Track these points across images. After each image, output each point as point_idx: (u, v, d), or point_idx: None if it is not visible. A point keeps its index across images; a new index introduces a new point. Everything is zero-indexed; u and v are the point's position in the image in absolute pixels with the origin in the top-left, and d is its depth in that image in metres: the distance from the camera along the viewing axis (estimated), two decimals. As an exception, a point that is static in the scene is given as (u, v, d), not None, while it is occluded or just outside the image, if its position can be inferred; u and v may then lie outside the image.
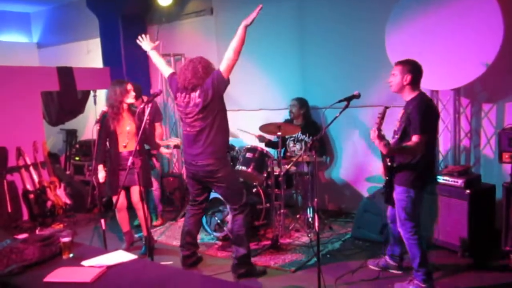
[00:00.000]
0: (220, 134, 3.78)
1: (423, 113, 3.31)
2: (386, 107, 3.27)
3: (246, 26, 3.71)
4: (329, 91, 5.32)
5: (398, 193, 3.48)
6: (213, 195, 4.33)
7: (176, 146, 5.64)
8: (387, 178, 3.51)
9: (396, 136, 3.46)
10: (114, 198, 4.44)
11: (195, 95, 3.74)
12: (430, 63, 4.39)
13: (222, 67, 3.69)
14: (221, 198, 4.53)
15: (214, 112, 3.72)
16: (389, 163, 3.45)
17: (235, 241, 3.95)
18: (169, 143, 5.39)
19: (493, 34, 4.01)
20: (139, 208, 4.41)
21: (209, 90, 3.69)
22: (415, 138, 3.29)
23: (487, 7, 4.05)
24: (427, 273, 3.46)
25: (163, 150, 4.92)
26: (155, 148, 4.62)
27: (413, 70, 3.42)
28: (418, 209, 3.50)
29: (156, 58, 4.18)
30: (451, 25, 4.27)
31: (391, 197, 3.56)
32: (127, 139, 4.40)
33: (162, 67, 4.14)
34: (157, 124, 5.43)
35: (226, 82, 3.72)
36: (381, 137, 3.19)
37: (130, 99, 4.38)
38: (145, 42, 4.24)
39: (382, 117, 3.23)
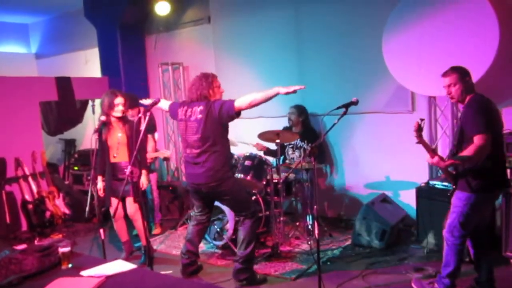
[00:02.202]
0: (220, 158, 3.77)
1: (480, 111, 3.14)
2: (421, 119, 3.16)
3: (278, 94, 3.56)
4: (328, 98, 5.33)
5: (457, 198, 3.31)
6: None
7: (165, 158, 5.64)
8: (454, 186, 3.37)
9: (454, 143, 3.32)
10: (110, 208, 4.44)
11: (197, 109, 3.75)
12: (427, 69, 4.42)
13: (237, 103, 3.63)
14: (222, 207, 4.54)
15: (214, 135, 3.72)
16: (453, 172, 3.34)
17: (240, 245, 3.94)
18: (158, 155, 5.38)
19: (489, 39, 4.03)
20: (136, 220, 4.41)
21: (213, 111, 3.68)
22: (476, 139, 3.07)
23: (482, 12, 4.07)
24: (452, 285, 3.39)
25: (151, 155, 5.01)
26: (145, 166, 4.51)
27: (467, 71, 3.29)
28: (476, 218, 3.30)
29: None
30: (447, 30, 4.29)
31: None
32: (117, 149, 4.38)
33: (164, 105, 4.16)
34: (149, 136, 5.38)
35: (233, 115, 3.66)
36: (438, 155, 3.11)
37: (117, 113, 4.34)
38: (146, 100, 4.27)
39: (417, 130, 3.15)
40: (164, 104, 4.16)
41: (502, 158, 3.35)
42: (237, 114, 3.66)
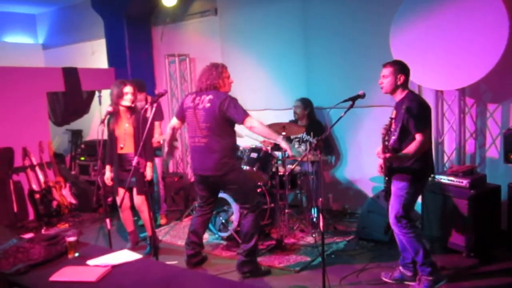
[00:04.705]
0: (228, 148, 3.78)
1: (420, 110, 3.37)
2: (392, 118, 3.30)
3: (277, 143, 3.86)
4: (334, 91, 5.32)
5: (399, 188, 3.45)
6: (219, 195, 4.33)
7: None
8: (387, 178, 3.47)
9: (393, 137, 3.42)
10: (117, 198, 4.48)
11: (206, 98, 3.75)
12: (435, 63, 4.40)
13: (246, 120, 3.66)
14: (227, 199, 4.56)
15: (222, 126, 3.73)
16: (388, 164, 3.42)
17: (243, 239, 3.96)
18: (164, 137, 5.41)
19: (498, 33, 4.00)
20: (142, 210, 4.44)
21: (225, 108, 3.67)
22: (419, 137, 3.32)
23: (492, 6, 4.03)
24: (432, 264, 3.47)
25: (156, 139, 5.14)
26: (149, 159, 4.41)
27: (405, 69, 3.48)
28: (414, 205, 3.57)
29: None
30: (456, 25, 4.26)
31: (390, 195, 3.55)
32: (124, 140, 4.39)
33: (175, 123, 4.08)
34: (156, 124, 5.40)
35: (235, 123, 3.75)
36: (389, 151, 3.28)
37: (126, 102, 4.33)
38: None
39: (387, 129, 3.28)
40: (174, 122, 4.06)
41: (430, 151, 3.60)
42: (238, 124, 3.74)
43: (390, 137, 3.37)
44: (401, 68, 3.46)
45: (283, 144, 3.74)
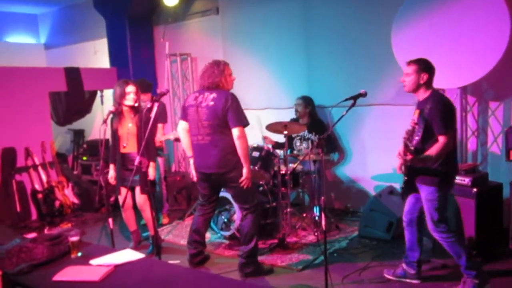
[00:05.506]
0: (230, 145, 3.76)
1: (445, 111, 3.27)
2: (416, 124, 3.27)
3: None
4: (336, 90, 5.32)
5: (430, 193, 3.36)
6: (220, 194, 4.34)
7: (177, 139, 5.67)
8: (406, 178, 3.42)
9: (417, 138, 3.35)
10: (119, 198, 4.49)
11: (210, 96, 3.75)
12: (437, 62, 4.35)
13: (238, 131, 3.69)
14: (229, 198, 4.56)
15: (225, 124, 3.72)
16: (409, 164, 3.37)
17: (243, 240, 3.97)
18: (169, 136, 5.41)
19: (500, 31, 3.99)
20: (144, 210, 4.44)
21: (227, 110, 3.68)
22: (442, 139, 3.24)
23: (493, 4, 4.03)
24: (477, 266, 3.40)
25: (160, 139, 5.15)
26: (152, 158, 4.41)
27: (429, 68, 3.38)
28: (446, 208, 3.46)
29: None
30: (457, 23, 4.25)
31: (407, 194, 3.54)
32: (127, 140, 4.40)
33: (182, 127, 4.05)
34: (159, 126, 5.39)
35: (229, 123, 3.74)
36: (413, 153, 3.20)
37: (128, 101, 4.34)
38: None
39: (411, 134, 3.29)
40: (183, 125, 3.99)
41: (455, 152, 3.54)
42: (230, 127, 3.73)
43: (413, 138, 3.31)
44: (425, 67, 3.37)
45: (244, 171, 3.76)
